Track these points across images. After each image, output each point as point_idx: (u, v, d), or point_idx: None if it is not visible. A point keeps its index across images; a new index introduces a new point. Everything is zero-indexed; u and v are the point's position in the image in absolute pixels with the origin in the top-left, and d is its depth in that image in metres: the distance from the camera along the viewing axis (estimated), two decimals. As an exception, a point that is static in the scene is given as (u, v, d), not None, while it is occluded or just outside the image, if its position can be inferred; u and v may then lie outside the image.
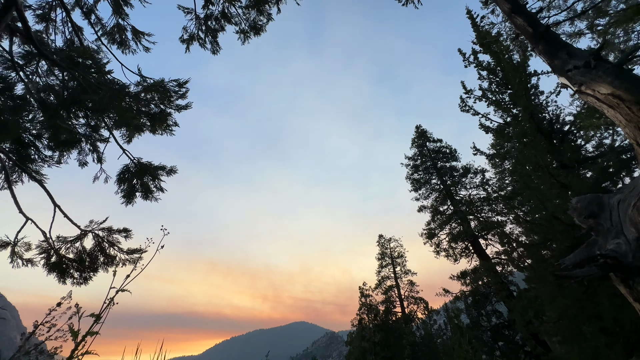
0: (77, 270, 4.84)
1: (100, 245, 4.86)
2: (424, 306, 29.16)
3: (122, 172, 5.29)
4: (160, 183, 5.39)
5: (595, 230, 3.26)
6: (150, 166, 5.24)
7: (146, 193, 5.35)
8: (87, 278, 4.87)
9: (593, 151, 11.62)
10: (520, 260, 12.88)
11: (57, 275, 4.72)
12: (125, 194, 5.27)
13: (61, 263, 4.66)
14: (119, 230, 4.90)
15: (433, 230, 21.91)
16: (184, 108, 5.12)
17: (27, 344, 5.12)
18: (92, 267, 4.86)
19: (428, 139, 24.72)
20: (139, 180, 5.28)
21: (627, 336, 9.17)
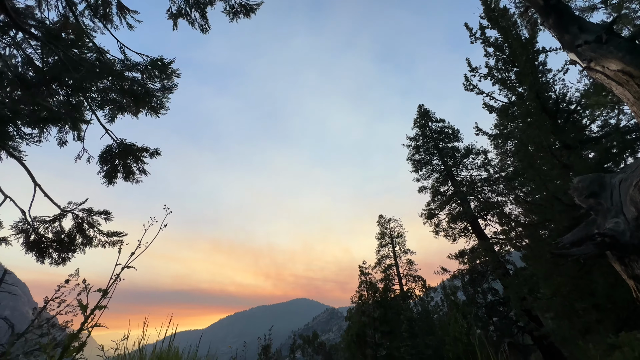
0: (55, 250, 4.88)
1: (80, 226, 4.87)
2: (422, 284, 29.97)
3: (105, 153, 5.21)
4: (143, 165, 5.32)
5: (595, 209, 3.28)
6: (133, 147, 5.16)
7: (127, 174, 5.29)
8: (65, 259, 4.90)
9: (597, 131, 11.46)
10: (518, 239, 13.08)
11: (35, 255, 4.75)
12: (106, 174, 5.21)
13: (40, 242, 4.69)
14: (99, 212, 4.90)
15: (433, 210, 22.09)
16: (170, 89, 4.98)
17: (39, 318, 5.30)
18: (70, 247, 4.89)
19: (430, 119, 24.37)
20: (121, 161, 5.21)
21: (618, 312, 9.47)
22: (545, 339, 14.15)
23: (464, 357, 12.09)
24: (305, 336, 37.61)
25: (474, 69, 15.22)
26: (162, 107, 5.20)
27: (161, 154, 5.36)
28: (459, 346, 13.35)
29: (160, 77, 4.71)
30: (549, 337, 13.82)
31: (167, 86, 4.91)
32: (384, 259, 31.70)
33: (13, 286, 15.61)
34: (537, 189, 11.00)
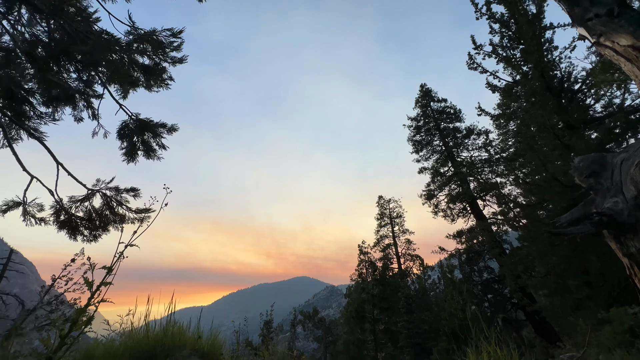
0: (86, 229, 4.98)
1: (109, 204, 4.95)
2: (420, 263, 30.69)
3: (122, 128, 5.17)
4: (161, 140, 5.31)
5: (595, 189, 3.28)
6: (150, 123, 5.12)
7: (148, 151, 5.28)
8: (97, 236, 5.02)
9: (601, 111, 11.30)
10: (515, 220, 13.24)
11: (68, 233, 4.86)
12: (127, 152, 5.21)
13: (70, 221, 4.78)
14: (126, 190, 4.94)
15: (432, 191, 22.19)
16: (179, 61, 4.85)
17: (48, 295, 5.45)
18: (102, 225, 5.00)
19: (432, 98, 23.94)
20: (139, 137, 5.18)
21: (610, 289, 9.76)
22: (538, 315, 14.65)
23: (459, 331, 12.57)
24: (305, 312, 38.99)
25: (479, 46, 14.77)
26: (171, 79, 5.10)
27: (178, 129, 5.32)
28: (454, 321, 13.84)
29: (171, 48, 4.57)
30: (541, 313, 14.33)
31: (176, 58, 4.79)
32: (383, 239, 32.26)
33: (20, 265, 15.92)
34: (537, 170, 11.00)
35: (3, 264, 13.93)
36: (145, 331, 2.93)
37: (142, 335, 2.87)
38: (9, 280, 14.95)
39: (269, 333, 5.92)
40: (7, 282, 14.95)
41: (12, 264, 14.31)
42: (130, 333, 2.94)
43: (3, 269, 13.42)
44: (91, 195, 4.87)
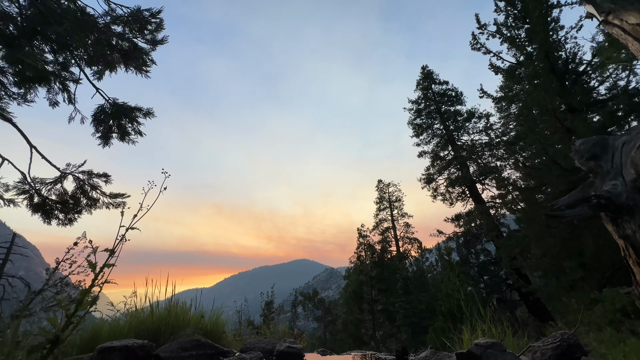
0: (61, 212, 4.97)
1: (82, 188, 4.92)
2: (418, 245, 31.16)
3: (98, 113, 5.08)
4: (138, 126, 5.22)
5: (594, 172, 3.28)
6: (126, 107, 5.02)
7: (122, 135, 5.20)
8: (72, 219, 5.02)
9: (605, 94, 11.13)
10: (514, 203, 13.33)
11: (42, 216, 4.85)
12: (102, 135, 5.14)
13: (44, 204, 4.76)
14: (98, 175, 4.92)
15: (432, 175, 22.19)
16: (160, 42, 4.70)
17: (52, 278, 5.55)
18: (75, 209, 4.98)
19: (434, 80, 23.50)
20: (115, 121, 5.10)
21: (603, 271, 9.97)
22: (532, 295, 15.02)
23: (455, 311, 12.93)
24: (305, 293, 39.98)
25: (483, 25, 14.35)
26: (152, 62, 4.97)
27: (155, 115, 5.22)
28: (450, 301, 14.21)
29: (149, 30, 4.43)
30: (535, 294, 14.69)
31: (156, 39, 4.64)
32: (382, 222, 32.60)
33: (24, 248, 16.10)
34: (537, 153, 10.96)
35: (7, 247, 14.09)
36: (149, 311, 3.01)
37: (147, 315, 2.95)
38: (14, 264, 15.15)
39: (270, 313, 6.08)
40: (12, 265, 15.16)
41: (16, 248, 14.48)
42: (135, 313, 3.01)
43: (7, 252, 13.61)
44: (63, 178, 4.84)
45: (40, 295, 4.93)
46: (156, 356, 2.28)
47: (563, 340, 1.90)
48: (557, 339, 1.92)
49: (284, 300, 45.47)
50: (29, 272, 50.05)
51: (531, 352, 2.04)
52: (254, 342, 2.80)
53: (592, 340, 6.53)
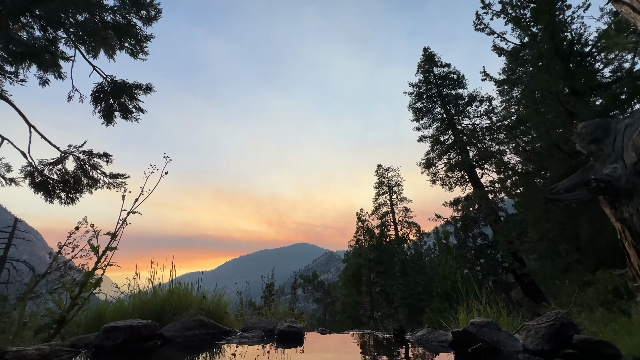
0: (62, 191, 4.99)
1: (83, 167, 4.92)
2: (416, 230, 31.53)
3: (97, 91, 5.02)
4: (138, 103, 5.15)
5: (595, 155, 3.26)
6: (125, 85, 4.94)
7: (125, 113, 5.16)
8: (74, 199, 5.04)
9: (609, 76, 10.93)
10: (513, 187, 13.37)
11: (44, 195, 4.87)
12: (104, 115, 5.08)
13: (46, 184, 4.77)
14: (99, 155, 4.92)
15: (431, 160, 22.15)
16: (154, 18, 4.56)
17: (56, 261, 5.62)
18: (76, 188, 5.00)
19: (436, 63, 23.02)
20: (115, 100, 5.04)
21: (598, 253, 10.13)
22: (527, 278, 15.35)
23: (451, 292, 13.24)
24: (305, 276, 40.80)
25: (487, 4, 13.91)
26: (147, 39, 4.85)
27: (155, 90, 5.15)
28: (447, 283, 14.53)
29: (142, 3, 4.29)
30: (530, 276, 15.01)
31: (150, 15, 4.50)
32: (380, 207, 32.82)
33: (26, 233, 16.20)
34: (540, 136, 10.89)
35: (9, 232, 14.15)
36: (152, 293, 3.07)
37: (150, 296, 3.01)
38: (17, 248, 15.26)
39: (271, 295, 6.21)
40: (16, 249, 15.28)
41: (19, 232, 14.55)
42: (138, 294, 3.08)
43: (10, 237, 13.68)
44: (64, 158, 4.83)
45: (45, 278, 5.01)
46: (160, 335, 2.34)
47: (557, 319, 1.95)
48: (551, 318, 1.97)
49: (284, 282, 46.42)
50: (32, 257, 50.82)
51: (525, 331, 2.09)
52: (256, 322, 2.87)
53: (583, 320, 6.74)
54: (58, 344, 2.02)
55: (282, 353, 2.08)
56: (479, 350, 2.01)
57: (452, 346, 2.22)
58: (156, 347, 2.19)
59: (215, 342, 2.37)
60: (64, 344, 2.07)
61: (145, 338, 2.22)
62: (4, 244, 13.56)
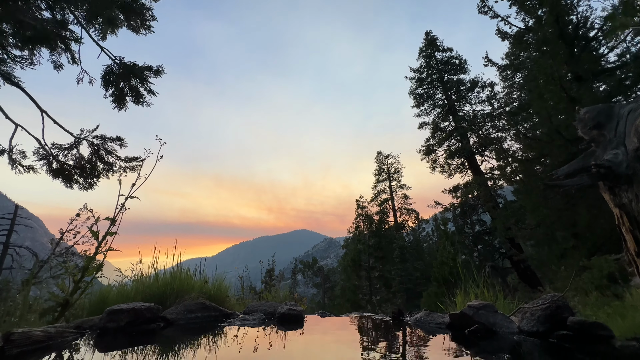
0: (80, 176, 4.98)
1: (97, 152, 4.89)
2: (415, 216, 31.77)
3: (106, 74, 4.91)
4: (149, 85, 5.07)
5: (597, 141, 3.24)
6: (135, 66, 4.83)
7: (137, 97, 5.05)
8: (92, 184, 5.03)
9: (614, 61, 10.75)
10: (512, 174, 13.38)
11: (63, 181, 4.85)
12: (116, 99, 4.99)
13: (63, 169, 4.76)
14: (112, 139, 4.89)
15: (432, 146, 22.05)
16: None
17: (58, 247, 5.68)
18: (93, 173, 4.99)
19: (437, 47, 22.55)
20: (126, 83, 4.94)
21: (595, 240, 10.26)
22: (523, 263, 15.60)
23: (449, 277, 13.48)
24: (305, 262, 41.38)
25: (492, -14, 13.51)
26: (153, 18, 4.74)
27: (165, 72, 5.07)
28: (444, 269, 14.77)
29: None
30: (526, 262, 15.24)
31: None
32: (380, 194, 32.95)
33: (27, 220, 16.27)
34: (541, 122, 10.81)
35: (10, 219, 14.22)
36: (154, 277, 3.12)
37: (152, 281, 3.05)
38: (19, 234, 15.36)
39: (271, 280, 6.29)
40: (18, 235, 15.38)
41: (20, 219, 14.61)
42: (141, 279, 3.12)
43: (11, 223, 13.76)
44: (78, 143, 4.80)
45: (48, 264, 5.07)
46: (163, 318, 2.39)
47: (553, 301, 1.98)
48: (547, 301, 2.01)
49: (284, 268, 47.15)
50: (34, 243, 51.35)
51: (521, 313, 2.14)
52: (257, 305, 2.93)
53: (577, 304, 6.89)
54: (63, 325, 2.06)
55: (283, 334, 2.13)
56: (475, 331, 2.05)
57: (449, 328, 2.27)
58: (159, 329, 2.24)
59: (217, 324, 2.42)
60: (68, 325, 2.11)
61: (149, 320, 2.26)
62: (6, 230, 13.65)
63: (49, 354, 1.59)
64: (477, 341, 1.94)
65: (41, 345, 1.69)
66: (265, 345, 1.80)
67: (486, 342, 1.91)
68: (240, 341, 1.90)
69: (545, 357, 1.63)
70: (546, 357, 1.63)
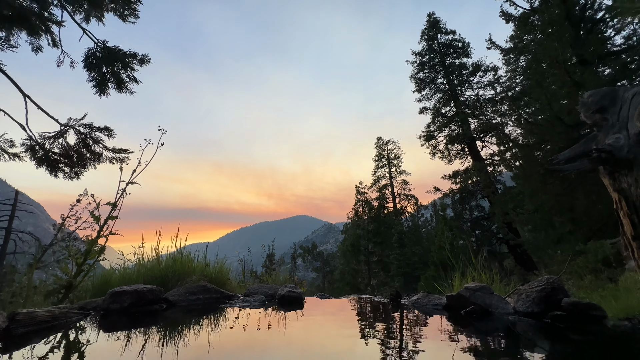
0: (66, 165, 4.93)
1: (84, 141, 4.82)
2: (414, 202, 31.93)
3: (88, 57, 4.77)
4: (133, 73, 4.94)
5: (599, 125, 3.21)
6: (118, 52, 4.69)
7: (119, 84, 4.95)
8: (78, 173, 4.97)
9: (620, 44, 10.50)
10: (512, 160, 13.37)
11: (48, 169, 4.80)
12: (97, 84, 4.86)
13: (48, 158, 4.71)
14: (100, 128, 4.81)
15: (432, 132, 21.89)
16: None
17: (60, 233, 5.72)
18: (80, 162, 4.94)
19: (440, 30, 21.99)
20: (109, 68, 4.82)
21: (592, 225, 10.36)
22: (520, 248, 15.82)
23: (447, 262, 13.71)
24: (305, 247, 41.94)
25: (498, -36, 13.02)
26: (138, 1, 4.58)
27: (151, 61, 4.93)
28: (442, 253, 14.99)
29: None
30: (523, 246, 15.45)
31: None
32: (379, 180, 32.98)
33: (29, 205, 16.29)
34: (541, 109, 10.70)
35: (11, 204, 14.24)
36: (156, 260, 3.16)
37: (154, 264, 3.09)
38: (21, 220, 15.41)
39: (272, 264, 6.39)
40: (20, 221, 15.45)
41: (21, 205, 14.64)
42: (143, 262, 3.16)
43: (12, 209, 13.80)
44: (64, 131, 4.73)
45: (51, 249, 5.13)
46: (165, 299, 2.43)
47: (548, 283, 2.02)
48: (543, 283, 2.04)
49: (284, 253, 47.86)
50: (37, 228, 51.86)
51: (517, 295, 2.18)
52: (257, 287, 2.98)
53: (571, 287, 7.03)
54: (67, 306, 2.10)
55: (284, 315, 2.17)
56: (471, 312, 2.10)
57: (445, 309, 2.32)
58: (162, 310, 2.29)
59: (218, 306, 2.47)
60: (72, 306, 2.15)
61: (151, 302, 2.30)
62: (7, 216, 13.75)
63: (53, 333, 1.63)
64: (472, 321, 1.98)
65: (46, 325, 1.73)
66: (265, 326, 1.84)
67: (481, 322, 1.96)
68: (241, 322, 1.94)
69: (538, 335, 1.67)
70: (539, 336, 1.67)
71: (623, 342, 1.63)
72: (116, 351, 1.33)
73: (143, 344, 1.45)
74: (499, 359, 1.30)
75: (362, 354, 1.33)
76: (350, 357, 1.31)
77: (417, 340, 1.55)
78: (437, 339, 1.58)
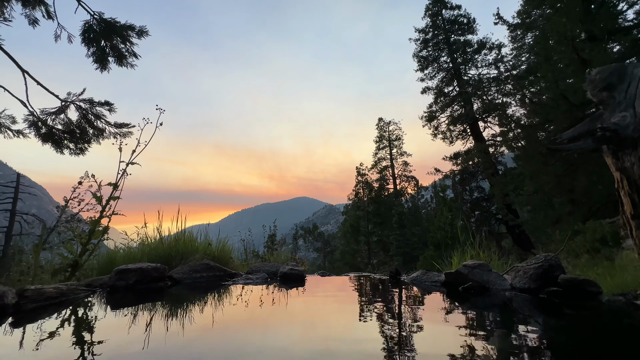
0: (70, 141, 4.92)
1: (86, 117, 4.77)
2: (415, 183, 32.00)
3: (85, 30, 4.66)
4: (132, 47, 4.82)
5: (605, 104, 3.14)
6: (115, 24, 4.55)
7: (119, 58, 4.85)
8: (83, 149, 4.97)
9: (632, 19, 10.12)
10: (514, 141, 13.25)
11: (53, 146, 4.79)
12: (97, 58, 4.75)
13: (52, 134, 4.70)
14: (100, 103, 4.76)
15: (434, 112, 21.56)
16: None
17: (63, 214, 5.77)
18: (83, 138, 4.91)
19: (445, 5, 21.14)
20: (107, 42, 4.71)
21: (591, 205, 10.42)
22: (518, 228, 16.00)
23: (446, 241, 13.90)
24: (306, 228, 42.53)
25: None
26: None
27: (149, 34, 4.80)
28: (441, 233, 15.20)
29: None
30: (521, 227, 15.63)
31: None
32: (380, 161, 32.89)
33: (31, 188, 16.35)
34: (547, 86, 10.47)
35: (14, 187, 14.29)
36: (159, 240, 3.20)
37: (157, 243, 3.14)
38: (24, 202, 15.51)
39: (273, 244, 6.48)
40: (24, 203, 15.55)
41: (23, 187, 14.69)
42: (146, 241, 3.21)
43: (15, 191, 13.87)
44: (65, 107, 4.67)
45: (56, 230, 5.20)
46: (170, 277, 2.49)
47: (546, 260, 2.05)
48: (540, 260, 2.08)
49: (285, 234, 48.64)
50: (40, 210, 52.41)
51: (514, 271, 2.22)
52: (259, 265, 3.05)
53: (568, 265, 7.17)
54: (74, 283, 2.16)
55: (286, 292, 2.23)
56: (469, 288, 2.15)
57: (444, 285, 2.38)
58: (167, 287, 2.35)
59: (221, 283, 2.53)
60: (79, 283, 2.21)
61: (156, 279, 2.36)
62: (11, 198, 13.86)
63: (62, 309, 1.68)
64: (469, 297, 2.03)
65: (54, 301, 1.78)
66: (269, 302, 1.89)
67: (478, 298, 2.01)
68: (245, 298, 2.00)
69: (533, 310, 1.72)
70: (534, 310, 1.72)
71: (616, 316, 1.67)
72: (124, 325, 1.38)
73: (150, 319, 1.50)
74: (495, 331, 1.34)
75: (363, 327, 1.37)
76: (352, 330, 1.35)
77: (415, 314, 1.59)
78: (435, 313, 1.63)
